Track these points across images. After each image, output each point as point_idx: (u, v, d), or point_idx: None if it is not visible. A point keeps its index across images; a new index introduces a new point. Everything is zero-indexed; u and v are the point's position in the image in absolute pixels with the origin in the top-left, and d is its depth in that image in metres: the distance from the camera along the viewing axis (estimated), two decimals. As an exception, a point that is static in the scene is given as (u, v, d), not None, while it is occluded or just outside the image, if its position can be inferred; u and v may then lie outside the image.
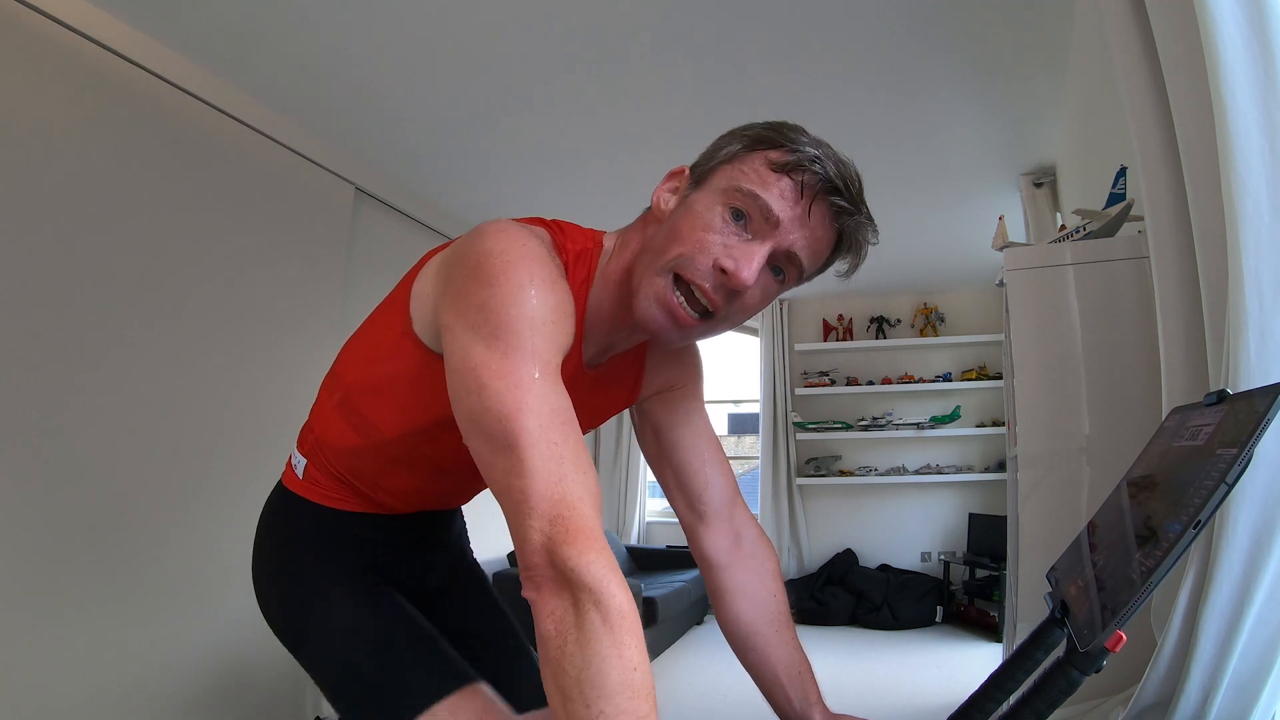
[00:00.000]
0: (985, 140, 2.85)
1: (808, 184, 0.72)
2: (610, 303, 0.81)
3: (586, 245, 0.80)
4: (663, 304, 0.74)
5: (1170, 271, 1.01)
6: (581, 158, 3.03)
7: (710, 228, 0.72)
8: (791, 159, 0.72)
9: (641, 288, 0.75)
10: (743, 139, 0.76)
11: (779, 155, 0.73)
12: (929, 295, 5.10)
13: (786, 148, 0.73)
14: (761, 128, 0.76)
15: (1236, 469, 0.54)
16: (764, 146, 0.74)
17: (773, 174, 0.72)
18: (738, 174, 0.73)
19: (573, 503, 0.58)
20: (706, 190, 0.75)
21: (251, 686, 2.36)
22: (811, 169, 0.71)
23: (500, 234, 0.69)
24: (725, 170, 0.75)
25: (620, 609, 0.55)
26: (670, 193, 0.80)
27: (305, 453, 0.95)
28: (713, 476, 0.98)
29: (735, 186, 0.72)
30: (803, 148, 0.72)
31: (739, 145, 0.75)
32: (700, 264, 0.72)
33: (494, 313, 0.64)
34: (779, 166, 0.72)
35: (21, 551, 1.81)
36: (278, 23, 2.11)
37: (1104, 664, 0.63)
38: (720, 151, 0.76)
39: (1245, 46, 0.74)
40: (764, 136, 0.74)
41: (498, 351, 0.62)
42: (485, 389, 0.61)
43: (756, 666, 0.93)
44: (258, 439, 2.45)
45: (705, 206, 0.74)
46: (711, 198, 0.74)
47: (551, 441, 0.59)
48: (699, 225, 0.73)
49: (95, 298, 2.02)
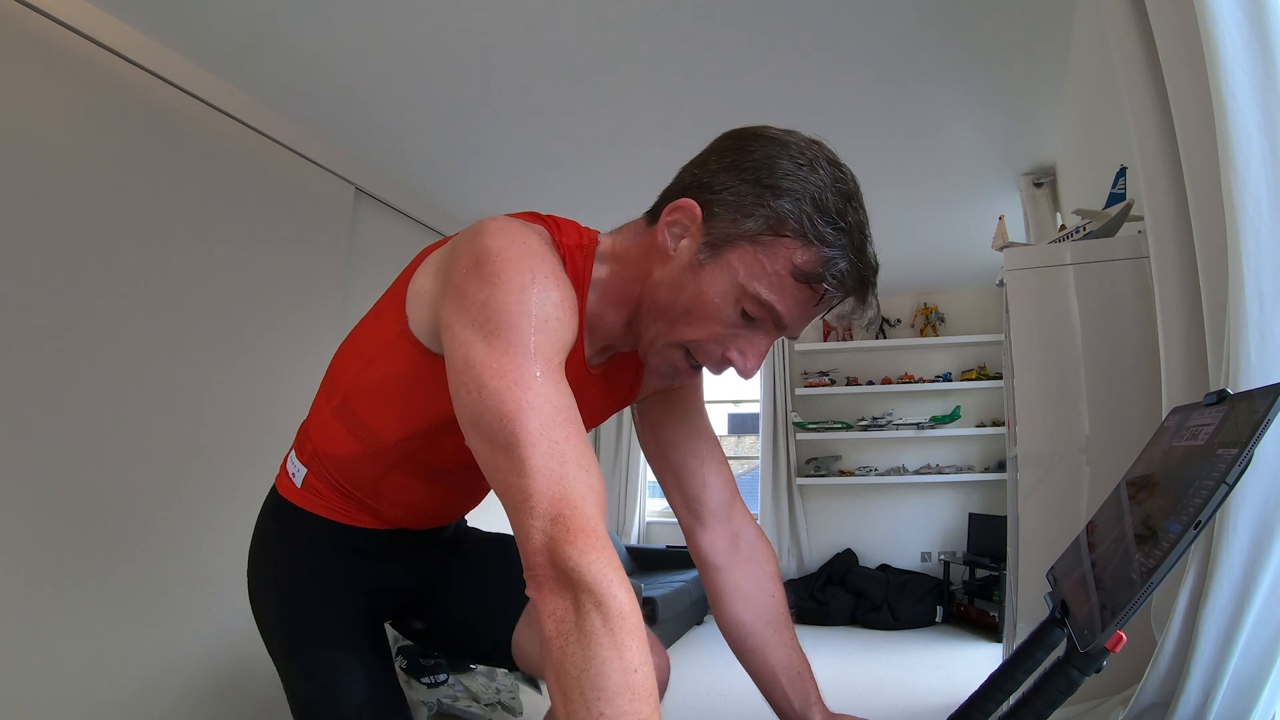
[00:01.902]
0: (985, 140, 2.84)
1: (827, 300, 0.72)
2: (605, 309, 0.80)
3: (582, 242, 0.80)
4: (674, 368, 0.79)
5: (1170, 271, 1.01)
6: (581, 156, 3.03)
7: (723, 322, 0.73)
8: (818, 270, 0.69)
9: (654, 352, 0.79)
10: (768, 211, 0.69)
11: (805, 260, 0.69)
12: (929, 295, 5.10)
13: (816, 249, 0.68)
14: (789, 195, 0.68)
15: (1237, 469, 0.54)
16: (790, 235, 0.68)
17: (793, 281, 0.69)
18: (758, 270, 0.69)
19: (574, 501, 0.57)
20: (722, 270, 0.71)
21: (250, 688, 2.36)
22: (836, 283, 0.70)
23: (500, 231, 0.68)
24: (745, 252, 0.70)
25: (621, 610, 0.54)
26: (679, 231, 0.74)
27: (304, 461, 0.94)
28: (710, 477, 0.97)
29: (754, 293, 0.70)
30: (833, 254, 0.68)
31: (763, 222, 0.69)
32: (710, 352, 0.75)
33: (495, 311, 0.63)
34: (801, 276, 0.69)
35: (17, 553, 1.81)
36: (278, 23, 2.11)
37: (1104, 664, 0.63)
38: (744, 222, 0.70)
39: (1245, 46, 0.74)
40: (790, 216, 0.68)
41: (498, 350, 0.62)
42: (485, 388, 0.61)
43: (755, 667, 0.93)
44: (257, 439, 2.45)
45: (719, 296, 0.71)
46: (727, 287, 0.71)
47: (553, 440, 0.59)
48: (711, 316, 0.73)
49: (94, 297, 2.02)
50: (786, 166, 0.69)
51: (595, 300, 0.80)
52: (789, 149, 0.71)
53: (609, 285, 0.80)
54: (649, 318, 0.77)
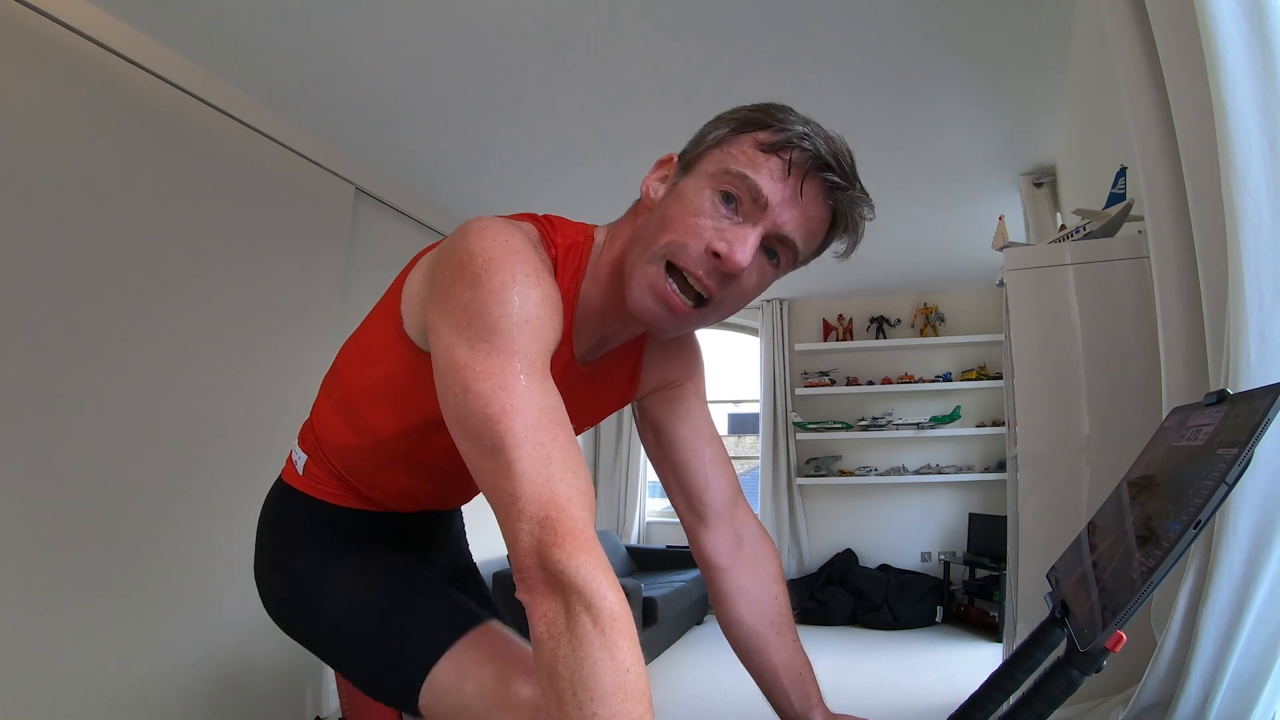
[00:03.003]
0: (985, 140, 2.85)
1: (796, 161, 0.71)
2: (602, 295, 0.80)
3: (577, 239, 0.80)
4: (656, 292, 0.73)
5: (1170, 271, 1.01)
6: (581, 155, 3.03)
7: (701, 212, 0.71)
8: (780, 138, 0.71)
9: (634, 277, 0.74)
10: (730, 122, 0.75)
11: (767, 135, 0.72)
12: (929, 295, 5.10)
13: (774, 127, 0.72)
14: (748, 109, 0.75)
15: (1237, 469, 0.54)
16: (752, 128, 0.73)
17: (761, 154, 0.71)
18: (726, 157, 0.72)
19: (562, 504, 0.57)
20: (695, 175, 0.74)
21: (251, 686, 2.36)
22: (800, 146, 0.71)
23: (483, 232, 0.68)
24: (714, 154, 0.74)
25: (611, 611, 0.54)
26: (659, 181, 0.79)
27: (306, 449, 0.95)
28: (713, 476, 0.97)
29: (724, 169, 0.72)
30: (791, 126, 0.71)
31: (727, 129, 0.74)
32: (693, 249, 0.71)
33: (477, 313, 0.63)
34: (767, 146, 0.71)
35: (20, 551, 1.81)
36: (278, 23, 2.11)
37: (1104, 664, 0.63)
38: (708, 136, 0.76)
39: (1245, 46, 0.74)
40: (751, 118, 0.74)
41: (481, 352, 0.62)
42: (470, 391, 0.61)
43: (757, 668, 0.93)
44: (258, 437, 2.45)
45: (695, 191, 0.73)
46: (701, 182, 0.73)
47: (539, 442, 0.59)
48: (689, 210, 0.72)
49: (95, 297, 2.02)
50: (746, 106, 0.76)
51: (593, 292, 0.80)
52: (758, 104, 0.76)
53: (602, 263, 0.80)
54: (630, 257, 0.76)
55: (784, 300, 5.27)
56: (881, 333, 5.11)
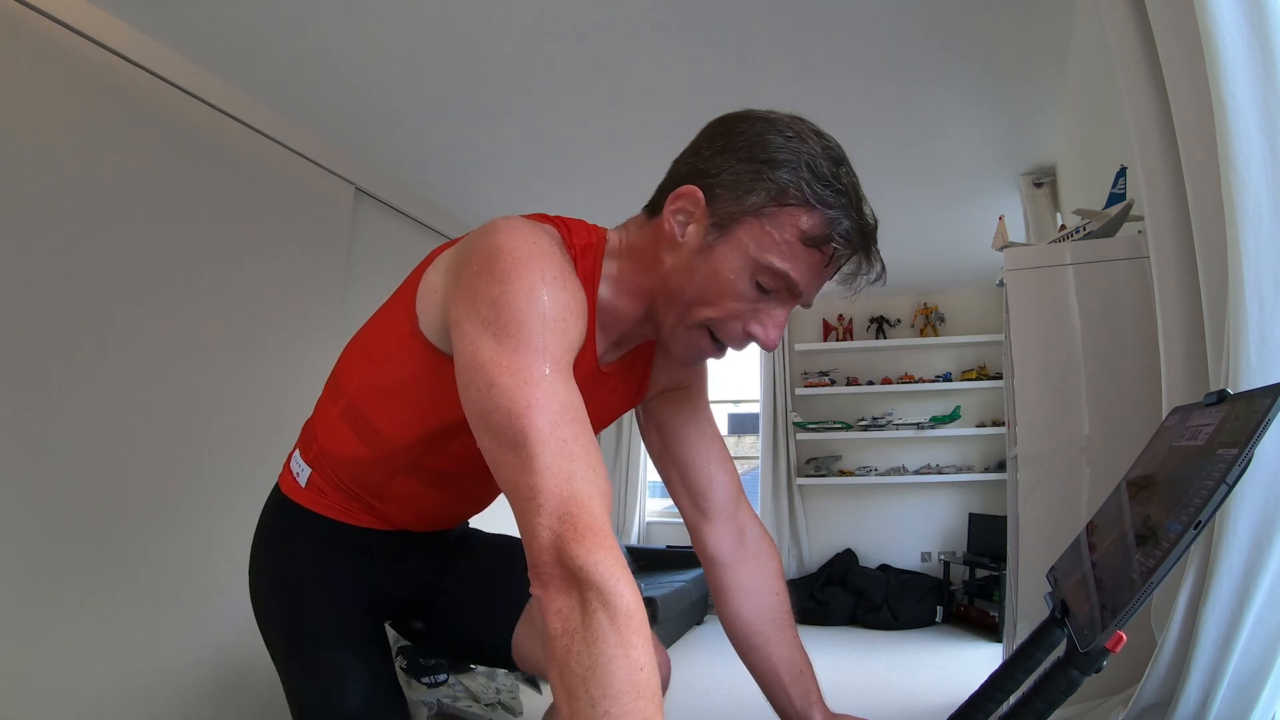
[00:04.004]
0: (985, 140, 2.84)
1: (836, 260, 0.74)
2: (617, 302, 0.81)
3: (591, 241, 0.80)
4: (698, 351, 0.80)
5: (1170, 271, 1.01)
6: (582, 155, 3.03)
7: (740, 298, 0.74)
8: (824, 233, 0.71)
9: (677, 337, 0.79)
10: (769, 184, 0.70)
11: (810, 225, 0.71)
12: (929, 295, 5.10)
13: (819, 213, 0.70)
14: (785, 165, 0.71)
15: (1237, 469, 0.54)
16: (794, 203, 0.70)
17: (803, 248, 0.72)
18: (767, 241, 0.71)
19: (582, 500, 0.57)
20: (732, 247, 0.72)
21: (251, 686, 2.36)
22: (843, 246, 0.72)
23: (512, 231, 0.69)
24: (753, 226, 0.71)
25: (628, 608, 0.54)
26: (684, 218, 0.75)
27: (309, 461, 0.93)
28: (717, 474, 0.98)
29: (766, 264, 0.72)
30: (836, 215, 0.71)
31: (766, 196, 0.71)
32: (731, 329, 0.76)
33: (505, 309, 0.63)
34: (810, 241, 0.71)
35: (18, 552, 1.81)
36: (278, 23, 2.11)
37: (1104, 664, 0.63)
38: (745, 195, 0.71)
39: (1245, 46, 0.74)
40: (792, 186, 0.70)
41: (508, 348, 0.62)
42: (495, 385, 0.61)
43: (758, 665, 0.94)
44: (257, 439, 2.45)
45: (733, 272, 0.73)
46: (739, 262, 0.73)
47: (561, 439, 0.59)
48: (728, 293, 0.74)
49: (94, 297, 2.02)
50: (777, 141, 0.72)
51: (609, 296, 0.80)
52: (775, 125, 0.73)
53: (621, 279, 0.80)
54: (665, 305, 0.78)
55: (784, 300, 5.26)
56: (881, 333, 5.11)
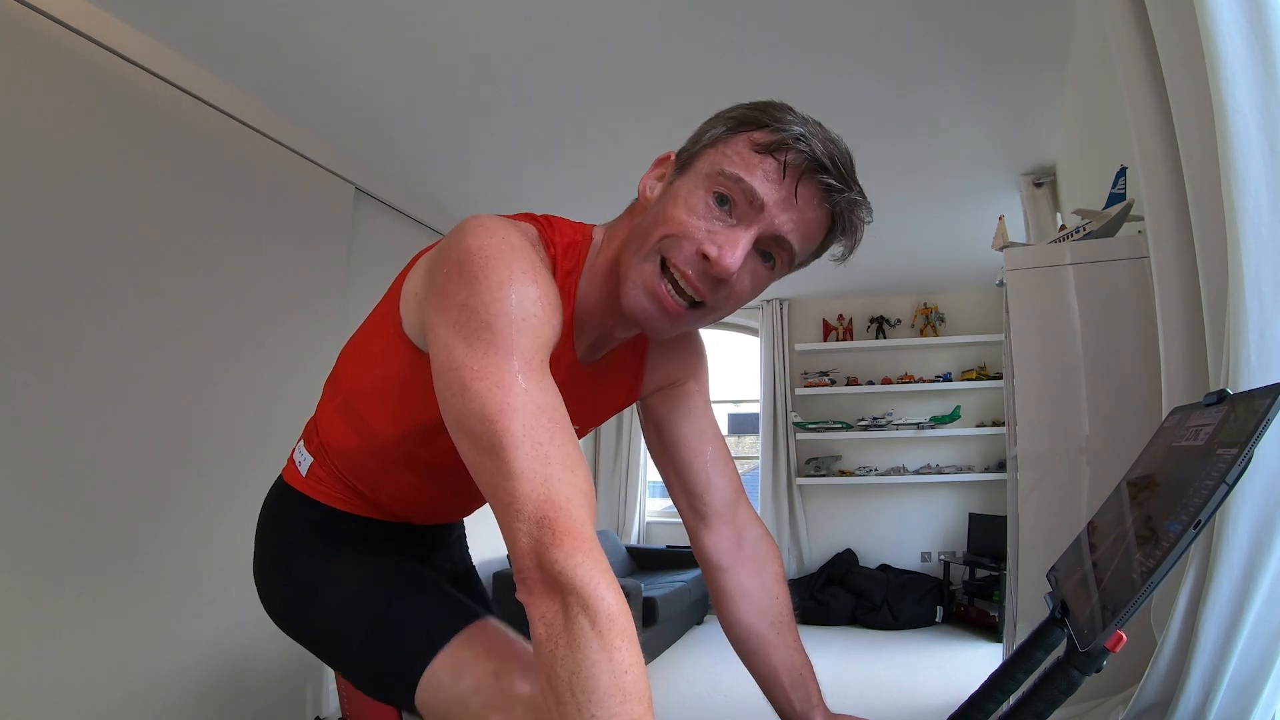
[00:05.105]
0: (985, 140, 2.84)
1: (792, 163, 0.69)
2: (599, 294, 0.79)
3: (575, 238, 0.79)
4: (650, 291, 0.72)
5: (1170, 271, 1.01)
6: (581, 155, 3.03)
7: (694, 212, 0.71)
8: (775, 138, 0.70)
9: (629, 275, 0.74)
10: (727, 121, 0.74)
11: (763, 135, 0.71)
12: (929, 295, 5.10)
13: (771, 127, 0.71)
14: (746, 108, 0.74)
15: (1236, 469, 0.54)
16: (748, 127, 0.72)
17: (756, 155, 0.70)
18: (721, 157, 0.71)
19: (560, 504, 0.57)
20: (691, 175, 0.73)
21: (251, 686, 2.36)
22: (796, 147, 0.69)
23: (480, 230, 0.68)
24: (709, 154, 0.73)
25: (609, 612, 0.54)
26: (657, 179, 0.78)
27: (311, 451, 0.94)
28: (715, 476, 0.96)
29: (719, 170, 0.71)
30: (788, 126, 0.70)
31: (723, 128, 0.73)
32: (685, 249, 0.71)
33: (474, 311, 0.63)
34: (762, 147, 0.70)
35: (18, 552, 1.81)
36: (278, 23, 2.11)
37: (1104, 664, 0.63)
38: (705, 135, 0.75)
39: (1245, 46, 0.74)
40: (748, 117, 0.73)
41: (479, 351, 0.62)
42: (467, 390, 0.61)
43: (758, 669, 0.93)
44: (258, 437, 2.45)
45: (689, 191, 0.72)
46: (695, 182, 0.72)
47: (536, 442, 0.59)
48: (682, 209, 0.71)
49: (95, 297, 2.02)
50: (744, 104, 0.75)
51: (590, 291, 0.79)
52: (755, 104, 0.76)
53: (600, 261, 0.79)
54: (626, 250, 0.76)
55: (784, 300, 5.27)
56: (881, 333, 5.11)
